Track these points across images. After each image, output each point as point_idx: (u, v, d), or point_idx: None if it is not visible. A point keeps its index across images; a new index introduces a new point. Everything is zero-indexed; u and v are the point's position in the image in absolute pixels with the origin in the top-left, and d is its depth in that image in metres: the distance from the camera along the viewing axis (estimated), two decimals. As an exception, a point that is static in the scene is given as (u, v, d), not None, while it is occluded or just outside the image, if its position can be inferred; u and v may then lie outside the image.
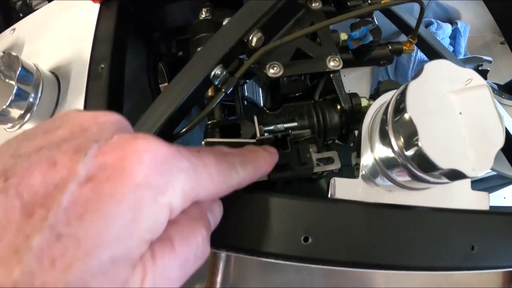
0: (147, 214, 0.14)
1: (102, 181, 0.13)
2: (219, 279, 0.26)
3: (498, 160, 0.37)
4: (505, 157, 0.44)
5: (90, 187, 0.13)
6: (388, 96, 0.28)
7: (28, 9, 0.91)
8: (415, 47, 0.43)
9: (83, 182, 0.13)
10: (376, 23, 0.35)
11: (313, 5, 0.34)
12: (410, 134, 0.21)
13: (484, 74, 0.67)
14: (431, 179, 0.23)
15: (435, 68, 0.23)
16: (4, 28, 0.86)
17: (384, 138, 0.24)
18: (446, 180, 0.23)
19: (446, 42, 0.72)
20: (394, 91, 0.25)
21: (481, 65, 0.68)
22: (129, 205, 0.13)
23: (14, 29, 0.48)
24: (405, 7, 0.68)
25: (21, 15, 0.89)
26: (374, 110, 0.28)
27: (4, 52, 0.44)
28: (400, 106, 0.22)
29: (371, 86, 0.76)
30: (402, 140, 0.22)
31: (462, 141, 0.21)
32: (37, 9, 0.91)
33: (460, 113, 0.22)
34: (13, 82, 0.31)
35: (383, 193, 0.27)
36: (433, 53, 0.48)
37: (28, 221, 0.12)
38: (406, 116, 0.21)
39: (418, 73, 0.23)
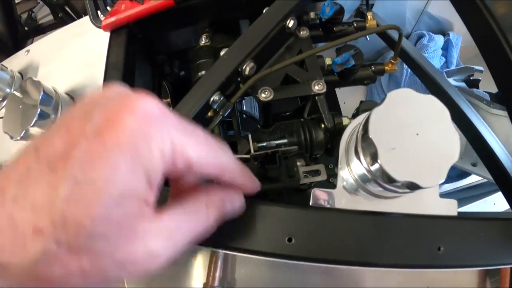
0: (143, 157, 0.18)
1: (104, 134, 0.17)
2: (217, 275, 0.32)
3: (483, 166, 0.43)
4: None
5: (97, 141, 0.17)
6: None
7: (33, 23, 0.99)
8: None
9: (91, 137, 0.17)
10: (359, 47, 0.42)
11: (301, 33, 0.40)
12: (373, 153, 0.27)
13: (475, 83, 0.73)
14: (397, 190, 0.30)
15: (398, 96, 0.29)
16: (11, 40, 0.94)
17: (357, 155, 0.31)
18: (409, 191, 0.29)
19: (438, 53, 0.78)
20: (368, 112, 0.32)
21: (472, 74, 0.74)
22: (127, 150, 0.17)
23: (28, 51, 0.54)
24: (397, 20, 0.75)
25: (26, 28, 0.97)
26: (351, 129, 0.34)
27: (21, 73, 0.52)
28: (366, 129, 0.28)
29: (366, 97, 0.82)
30: (368, 157, 0.29)
31: (418, 157, 0.27)
32: (42, 23, 0.99)
33: (417, 134, 0.28)
34: (35, 103, 0.38)
35: (359, 202, 0.33)
36: (417, 67, 0.54)
37: (54, 174, 0.17)
38: (369, 137, 0.27)
39: (382, 100, 0.29)
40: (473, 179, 0.72)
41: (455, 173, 0.74)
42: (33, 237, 0.16)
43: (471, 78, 0.74)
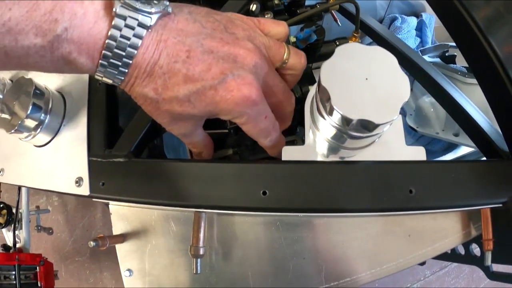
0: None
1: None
2: (201, 235, 0.35)
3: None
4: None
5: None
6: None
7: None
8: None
9: (212, 86, 0.28)
10: (321, 24, 0.46)
11: (266, 16, 0.45)
12: (327, 99, 0.31)
13: (452, 59, 0.76)
14: (359, 134, 0.33)
15: (346, 48, 0.33)
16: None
17: (318, 110, 0.34)
18: (370, 133, 0.32)
19: (412, 34, 0.82)
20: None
21: (447, 51, 0.78)
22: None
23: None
24: (368, 5, 0.80)
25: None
26: (313, 91, 0.37)
27: (11, 80, 0.56)
28: (319, 80, 0.32)
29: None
30: (326, 106, 0.32)
31: (369, 98, 0.31)
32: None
33: (366, 78, 0.32)
34: (28, 100, 0.42)
35: (327, 156, 0.36)
36: (389, 46, 0.58)
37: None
38: (321, 85, 0.31)
39: (331, 54, 0.33)
40: (458, 153, 0.75)
41: (440, 147, 0.77)
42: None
43: (446, 55, 0.78)
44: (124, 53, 0.26)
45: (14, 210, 0.76)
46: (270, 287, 0.37)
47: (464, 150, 0.74)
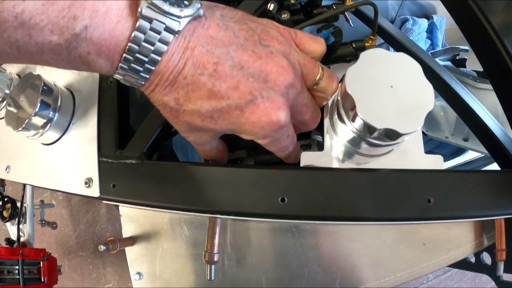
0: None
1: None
2: (216, 241, 0.34)
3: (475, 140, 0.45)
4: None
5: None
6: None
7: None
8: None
9: (238, 106, 0.26)
10: (337, 25, 0.44)
11: (283, 16, 0.43)
12: (352, 107, 0.29)
13: (462, 62, 0.75)
14: (380, 142, 0.31)
15: (371, 55, 0.31)
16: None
17: (339, 116, 0.33)
18: (391, 142, 0.31)
19: (423, 36, 0.81)
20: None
21: (458, 54, 0.77)
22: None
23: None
24: (379, 6, 0.78)
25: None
26: (333, 96, 0.36)
27: (18, 75, 0.54)
28: (344, 86, 0.30)
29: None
30: (349, 113, 0.31)
31: (394, 107, 0.30)
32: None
33: (391, 86, 0.30)
34: (36, 97, 0.40)
35: (346, 163, 0.35)
36: (401, 47, 0.57)
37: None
38: (347, 92, 0.29)
39: (356, 60, 0.31)
40: (466, 157, 0.74)
41: (449, 151, 0.76)
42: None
43: (457, 58, 0.76)
44: (147, 59, 0.24)
45: (18, 204, 0.74)
46: (283, 294, 0.36)
47: (472, 154, 0.74)
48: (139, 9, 0.23)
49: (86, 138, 0.40)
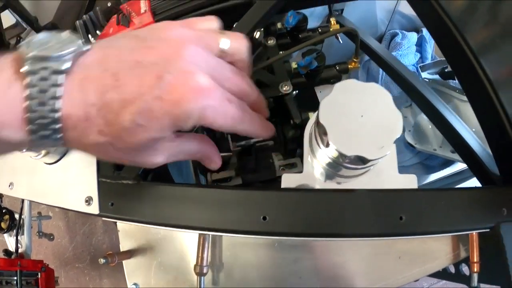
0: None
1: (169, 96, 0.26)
2: (205, 256, 0.39)
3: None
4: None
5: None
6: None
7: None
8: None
9: (155, 97, 0.25)
10: (320, 49, 0.50)
11: (269, 42, 0.49)
12: (325, 135, 0.35)
13: (451, 75, 0.80)
14: (354, 166, 0.37)
15: (344, 86, 0.37)
16: None
17: (316, 141, 0.38)
18: (363, 166, 0.36)
19: (412, 50, 0.86)
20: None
21: (447, 67, 0.82)
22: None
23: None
24: (369, 22, 0.83)
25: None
26: (312, 121, 0.41)
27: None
28: (318, 116, 0.35)
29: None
30: (323, 140, 0.36)
31: (364, 135, 0.35)
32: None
33: (362, 116, 0.36)
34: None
35: (325, 183, 0.40)
36: (388, 67, 0.62)
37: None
38: (320, 122, 0.34)
39: (330, 91, 0.36)
40: (456, 167, 0.79)
41: (438, 163, 0.81)
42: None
43: (446, 71, 0.81)
44: (49, 108, 0.24)
45: (16, 216, 0.79)
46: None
47: (461, 165, 0.78)
48: (23, 68, 0.24)
49: (85, 159, 0.45)
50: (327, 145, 0.35)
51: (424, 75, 0.82)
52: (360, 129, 0.35)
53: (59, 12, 0.96)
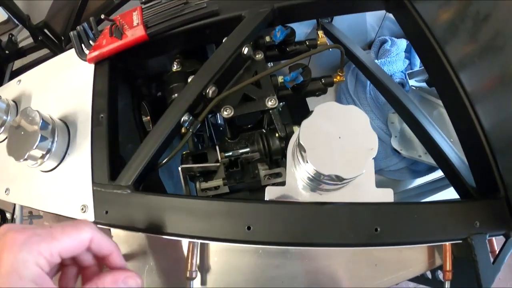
0: (26, 273, 0.28)
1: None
2: (194, 261, 0.43)
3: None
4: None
5: None
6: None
7: (14, 46, 1.10)
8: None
9: None
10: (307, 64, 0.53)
11: (257, 56, 0.52)
12: (305, 155, 0.39)
13: (438, 83, 0.84)
14: (332, 182, 0.41)
15: (323, 108, 0.40)
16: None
17: (297, 159, 0.42)
18: (340, 182, 0.41)
19: (401, 56, 0.90)
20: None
21: (434, 75, 0.85)
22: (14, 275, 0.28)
23: (20, 81, 0.66)
24: (359, 29, 0.87)
25: (7, 52, 1.08)
26: (296, 136, 0.45)
27: (15, 102, 0.63)
28: (298, 137, 0.39)
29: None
30: (303, 159, 0.40)
31: (340, 155, 0.39)
32: (22, 46, 1.10)
33: (339, 137, 0.40)
34: (34, 129, 0.49)
35: (305, 195, 0.45)
36: (374, 78, 0.66)
37: None
38: (300, 142, 0.38)
39: (311, 113, 0.40)
40: (441, 172, 0.83)
41: (424, 168, 0.85)
42: None
43: (433, 78, 0.85)
44: None
45: (7, 215, 0.83)
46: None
47: (445, 171, 0.83)
48: None
49: (80, 168, 0.49)
50: (306, 162, 0.39)
51: (412, 82, 0.86)
52: (337, 150, 0.39)
53: (51, 11, 0.98)
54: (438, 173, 0.85)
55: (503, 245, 0.48)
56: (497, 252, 0.48)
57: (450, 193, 0.80)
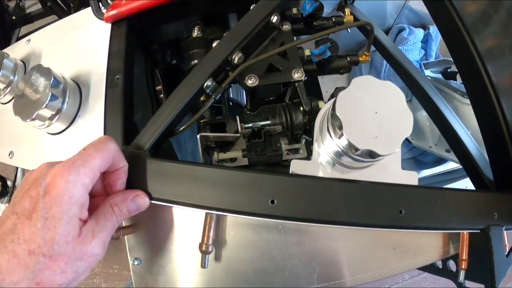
0: (73, 196, 0.32)
1: (49, 192, 0.31)
2: (211, 234, 0.40)
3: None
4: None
5: (47, 196, 0.31)
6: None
7: (21, 12, 1.04)
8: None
9: (42, 195, 0.31)
10: (335, 40, 0.50)
11: (284, 27, 0.48)
12: (339, 127, 0.35)
13: (453, 75, 0.82)
14: (361, 159, 0.38)
15: (361, 81, 0.37)
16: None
17: (328, 132, 0.39)
18: (371, 159, 0.38)
19: (417, 46, 0.87)
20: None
21: (450, 67, 0.83)
22: (64, 196, 0.31)
23: (29, 40, 0.61)
24: (378, 14, 0.83)
25: (14, 17, 1.02)
26: (324, 110, 0.42)
27: (23, 61, 0.58)
28: (334, 108, 0.36)
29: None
30: (336, 131, 0.37)
31: (376, 131, 0.36)
32: (30, 12, 1.05)
33: (376, 112, 0.36)
34: (46, 90, 0.45)
35: (331, 172, 0.42)
36: (393, 60, 0.63)
37: (31, 220, 0.31)
38: (335, 114, 0.35)
39: (348, 85, 0.37)
40: (448, 166, 0.81)
41: (432, 160, 0.83)
42: (29, 257, 0.30)
43: (448, 71, 0.83)
44: None
45: (8, 182, 0.78)
46: (266, 285, 0.42)
47: (453, 164, 0.81)
48: None
49: (92, 131, 0.45)
50: (340, 136, 0.36)
51: (427, 72, 0.83)
52: (373, 124, 0.36)
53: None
54: (445, 167, 0.83)
55: (518, 238, 0.46)
56: (507, 246, 0.46)
57: (456, 187, 0.78)
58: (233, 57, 0.42)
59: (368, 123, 0.36)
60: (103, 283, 1.06)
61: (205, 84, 0.41)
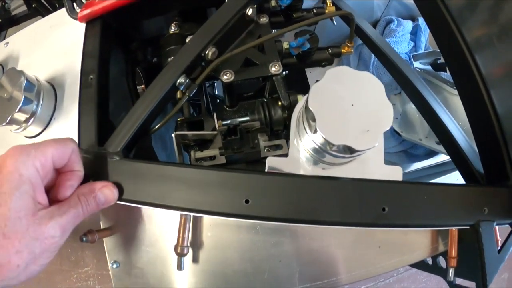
0: (25, 174, 0.31)
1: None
2: (186, 236, 0.38)
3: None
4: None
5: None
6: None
7: (7, 14, 1.02)
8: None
9: None
10: (315, 32, 0.48)
11: (261, 20, 0.46)
12: (313, 122, 0.33)
13: (442, 67, 0.79)
14: (340, 155, 0.36)
15: (336, 72, 0.35)
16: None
17: (303, 127, 0.37)
18: (350, 155, 0.35)
19: (406, 38, 0.84)
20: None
21: (439, 58, 0.81)
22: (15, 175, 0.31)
23: (7, 43, 0.59)
24: (366, 6, 0.81)
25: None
26: (301, 104, 0.40)
27: (1, 65, 0.56)
28: (307, 101, 0.34)
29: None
30: (311, 127, 0.35)
31: (353, 124, 0.33)
32: (16, 14, 1.03)
33: (352, 105, 0.34)
34: (17, 92, 0.43)
35: (310, 167, 0.39)
36: (380, 53, 0.60)
37: None
38: (309, 108, 0.33)
39: (322, 77, 0.35)
40: (440, 158, 0.79)
41: (423, 152, 0.81)
42: None
43: (438, 62, 0.80)
44: None
45: None
46: (246, 286, 0.41)
47: (445, 156, 0.79)
48: None
49: (67, 134, 0.43)
50: (315, 131, 0.34)
51: (416, 64, 0.81)
52: (349, 118, 0.34)
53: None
54: (436, 159, 0.81)
55: (509, 234, 0.44)
56: (499, 241, 0.44)
57: (447, 180, 0.76)
58: (207, 52, 0.40)
59: (344, 117, 0.34)
60: (97, 285, 1.04)
61: (178, 81, 0.39)
